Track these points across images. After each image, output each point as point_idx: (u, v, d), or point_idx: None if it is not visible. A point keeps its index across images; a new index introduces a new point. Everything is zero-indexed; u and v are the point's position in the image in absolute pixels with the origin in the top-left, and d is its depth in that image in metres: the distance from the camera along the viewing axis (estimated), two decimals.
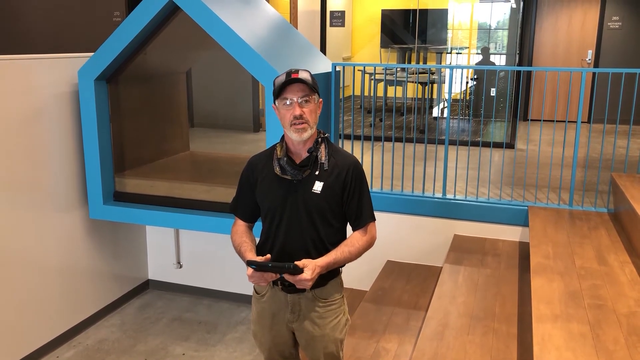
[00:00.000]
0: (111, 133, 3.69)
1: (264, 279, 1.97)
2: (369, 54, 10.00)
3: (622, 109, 3.76)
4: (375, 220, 2.14)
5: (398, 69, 7.40)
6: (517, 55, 7.07)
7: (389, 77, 7.42)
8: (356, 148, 4.24)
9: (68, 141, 3.65)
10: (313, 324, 2.13)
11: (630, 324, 2.31)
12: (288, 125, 1.99)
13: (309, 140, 2.04)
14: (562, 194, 4.01)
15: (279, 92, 1.99)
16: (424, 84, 7.15)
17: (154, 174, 3.89)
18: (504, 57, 8.44)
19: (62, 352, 3.68)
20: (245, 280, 1.99)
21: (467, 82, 7.81)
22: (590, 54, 7.59)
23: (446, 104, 7.70)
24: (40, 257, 3.53)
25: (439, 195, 3.95)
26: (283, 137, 2.09)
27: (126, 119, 3.82)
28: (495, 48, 8.67)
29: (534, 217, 3.62)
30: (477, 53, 8.88)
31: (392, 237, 3.97)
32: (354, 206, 2.08)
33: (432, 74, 7.12)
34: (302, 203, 2.04)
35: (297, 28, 7.43)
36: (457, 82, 7.43)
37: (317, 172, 2.05)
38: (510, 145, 5.79)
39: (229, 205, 2.28)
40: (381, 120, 7.61)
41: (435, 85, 7.70)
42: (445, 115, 7.33)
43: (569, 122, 5.82)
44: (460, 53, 9.25)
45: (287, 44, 3.75)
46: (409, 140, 5.39)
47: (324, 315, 2.14)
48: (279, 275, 1.97)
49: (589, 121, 7.09)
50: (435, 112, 8.09)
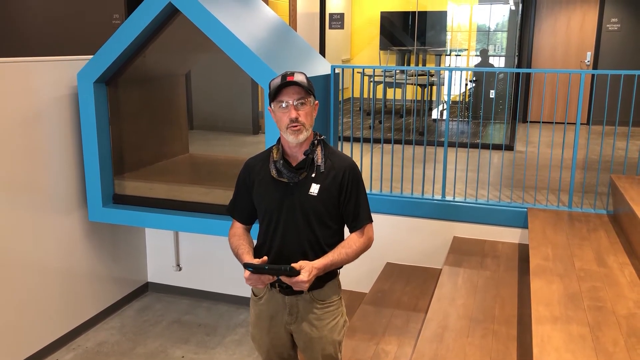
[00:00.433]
0: (110, 135, 3.69)
1: (261, 282, 1.98)
2: (368, 56, 10.02)
3: (621, 111, 3.76)
4: (372, 222, 2.14)
5: (397, 71, 7.41)
6: (516, 57, 7.09)
7: (388, 79, 7.43)
8: (356, 150, 4.24)
9: (67, 144, 3.65)
10: (311, 326, 2.13)
11: (630, 325, 2.31)
12: (284, 128, 1.99)
13: (305, 143, 2.04)
14: (562, 196, 4.01)
15: (274, 95, 1.99)
16: (423, 86, 7.15)
17: (153, 176, 3.89)
18: (503, 59, 8.46)
19: (61, 355, 3.68)
20: (244, 282, 2.00)
21: (466, 84, 7.82)
22: (589, 56, 7.60)
23: (445, 106, 7.70)
24: (40, 260, 3.53)
25: (439, 197, 3.96)
26: (279, 139, 2.09)
27: (125, 122, 3.82)
28: (495, 50, 8.68)
29: (534, 218, 3.62)
30: (476, 55, 8.89)
31: (391, 239, 3.97)
32: (350, 208, 2.09)
33: (432, 75, 7.12)
34: (298, 205, 2.04)
35: (296, 30, 7.43)
36: (456, 84, 7.44)
37: (313, 175, 2.05)
38: (510, 147, 5.79)
39: (226, 207, 2.28)
40: (380, 122, 7.62)
41: (434, 87, 7.71)
42: (445, 117, 7.34)
43: (568, 123, 5.82)
44: (460, 55, 9.26)
45: (286, 47, 3.75)
46: (409, 142, 5.40)
47: (322, 317, 2.14)
48: (276, 278, 1.98)
49: (588, 123, 7.08)
50: (435, 114, 8.10)
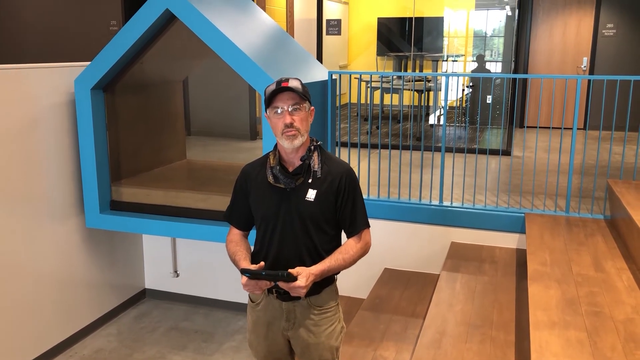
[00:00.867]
0: (108, 142, 3.69)
1: (259, 287, 1.98)
2: (365, 62, 10.03)
3: (618, 116, 3.77)
4: (369, 227, 2.14)
5: (394, 77, 7.43)
6: (513, 63, 7.11)
7: (385, 85, 7.45)
8: (353, 156, 4.25)
9: (64, 150, 3.65)
10: (308, 332, 2.13)
11: (628, 330, 2.31)
12: (279, 134, 2.00)
13: (302, 148, 2.05)
14: (559, 201, 4.02)
15: (269, 101, 2.00)
16: (420, 92, 7.17)
17: (151, 182, 3.89)
18: (499, 64, 8.48)
19: None
20: (242, 288, 1.99)
21: (463, 90, 7.84)
22: (586, 61, 7.63)
23: (442, 112, 7.73)
24: (37, 266, 3.51)
25: (436, 202, 3.96)
26: (276, 145, 2.10)
27: (123, 128, 3.82)
28: (491, 55, 8.71)
29: (531, 224, 3.63)
30: (473, 60, 8.92)
31: (389, 245, 3.97)
32: (347, 213, 2.09)
33: (428, 81, 7.14)
34: (295, 211, 2.04)
35: (293, 37, 7.45)
36: (453, 89, 7.46)
37: (310, 180, 2.05)
38: (507, 152, 5.80)
39: (223, 214, 2.28)
40: (378, 127, 7.63)
41: (431, 93, 7.72)
42: (442, 122, 7.35)
43: (564, 129, 5.84)
44: (456, 61, 9.28)
45: (283, 53, 3.75)
46: (406, 148, 5.40)
47: (319, 323, 2.13)
48: (273, 283, 1.98)
49: (584, 128, 7.11)
50: (432, 120, 8.11)
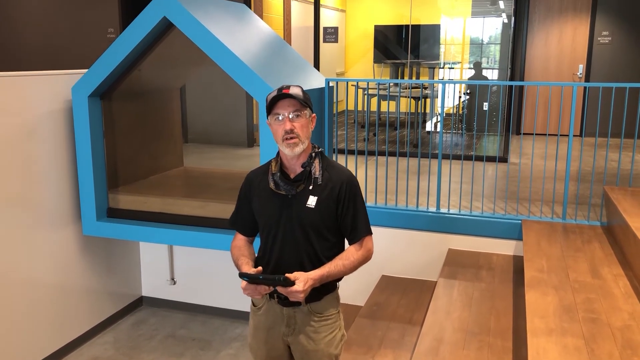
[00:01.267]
0: (105, 149, 3.69)
1: (258, 292, 1.99)
2: (362, 69, 10.08)
3: (613, 123, 3.79)
4: (371, 234, 2.15)
5: (391, 84, 7.45)
6: (509, 70, 7.14)
7: (382, 92, 7.47)
8: (350, 162, 4.26)
9: (61, 158, 3.65)
10: (308, 339, 2.13)
11: (625, 337, 2.31)
12: (280, 141, 2.01)
13: (303, 155, 2.06)
14: (556, 208, 4.03)
15: (270, 108, 2.01)
16: (417, 99, 7.20)
17: (148, 190, 3.88)
18: (496, 71, 8.52)
19: None
20: (239, 296, 2.00)
21: (459, 97, 7.87)
22: (581, 69, 7.67)
23: (439, 119, 7.75)
24: (33, 274, 3.50)
25: (433, 209, 3.96)
26: (278, 152, 2.11)
27: (120, 135, 3.82)
28: (488, 63, 8.75)
29: (528, 230, 3.63)
30: (469, 68, 8.96)
31: (386, 252, 3.96)
32: (348, 220, 2.09)
33: (425, 88, 7.17)
34: (296, 218, 2.05)
35: (290, 44, 7.47)
36: (449, 96, 7.49)
37: (311, 187, 2.06)
38: (503, 159, 5.81)
39: (228, 220, 2.30)
40: (375, 134, 7.65)
41: (428, 100, 7.75)
42: (439, 129, 7.37)
43: (561, 135, 5.86)
44: (453, 68, 9.33)
45: (280, 60, 3.77)
46: (403, 155, 5.41)
47: (319, 330, 2.13)
48: (272, 288, 1.99)
49: (580, 135, 7.14)
50: (429, 127, 8.13)
